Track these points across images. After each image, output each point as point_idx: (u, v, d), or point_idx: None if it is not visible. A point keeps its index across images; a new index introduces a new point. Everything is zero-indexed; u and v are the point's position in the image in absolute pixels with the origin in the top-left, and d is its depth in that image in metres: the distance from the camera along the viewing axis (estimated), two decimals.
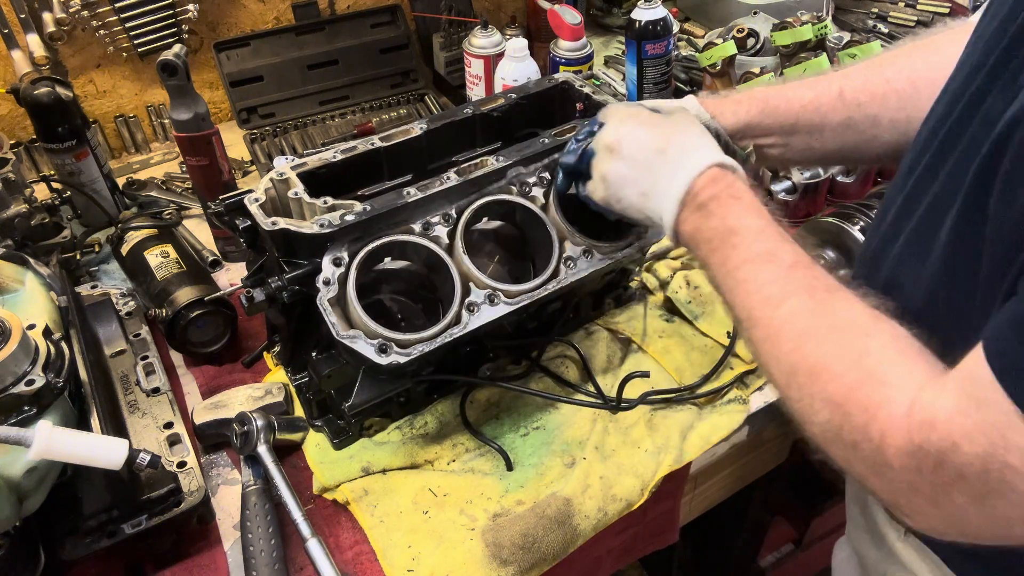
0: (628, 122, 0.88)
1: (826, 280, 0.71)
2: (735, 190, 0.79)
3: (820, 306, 0.69)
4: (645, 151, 0.85)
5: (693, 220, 0.80)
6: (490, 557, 0.95)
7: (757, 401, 1.15)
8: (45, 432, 0.77)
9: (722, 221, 0.78)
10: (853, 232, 1.19)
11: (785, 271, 0.72)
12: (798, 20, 1.40)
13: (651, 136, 0.85)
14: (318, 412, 1.10)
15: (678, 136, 0.84)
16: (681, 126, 0.86)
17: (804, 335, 0.68)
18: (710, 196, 0.79)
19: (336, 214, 0.92)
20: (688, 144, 0.83)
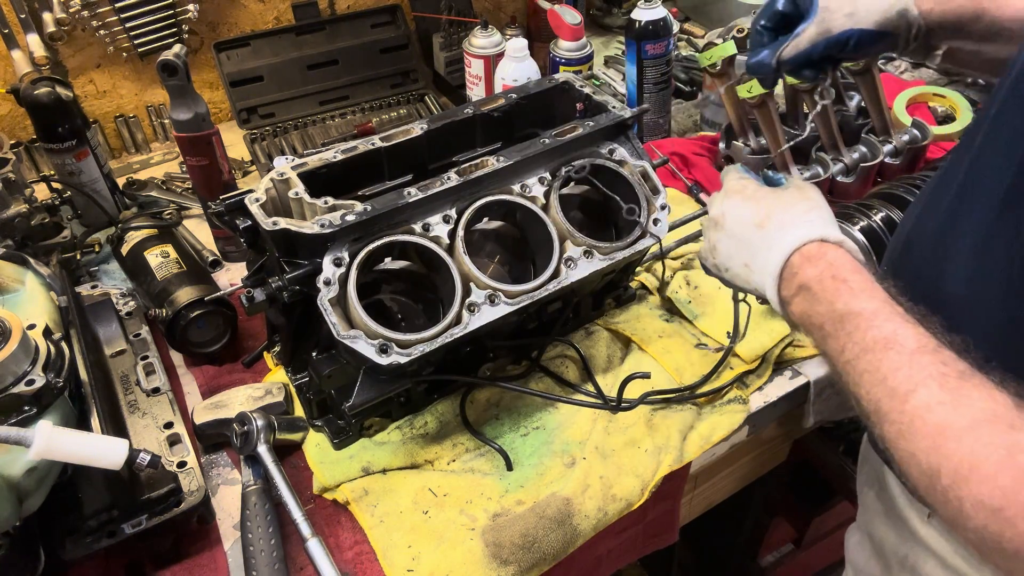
0: (733, 196, 0.89)
1: (956, 366, 0.65)
2: (838, 269, 0.75)
3: (954, 396, 0.63)
4: (744, 225, 0.85)
5: (799, 303, 0.77)
6: (490, 557, 0.95)
7: (757, 401, 1.15)
8: (45, 432, 0.77)
9: (830, 306, 0.74)
10: (853, 232, 1.19)
11: (909, 357, 0.66)
12: None
13: (752, 211, 0.85)
14: (318, 412, 1.10)
15: (778, 213, 0.83)
16: (785, 202, 0.84)
17: (941, 432, 0.62)
18: (813, 278, 0.76)
19: (337, 214, 0.92)
20: (787, 220, 0.82)
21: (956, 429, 0.61)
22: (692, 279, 1.27)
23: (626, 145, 1.10)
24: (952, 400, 0.63)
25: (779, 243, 0.80)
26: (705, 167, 1.55)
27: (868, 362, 0.69)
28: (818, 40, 0.96)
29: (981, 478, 0.59)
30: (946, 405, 0.63)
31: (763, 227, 0.83)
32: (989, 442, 0.60)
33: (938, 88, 1.70)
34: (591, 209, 1.16)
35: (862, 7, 0.95)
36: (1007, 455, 0.58)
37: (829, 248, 0.78)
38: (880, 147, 1.42)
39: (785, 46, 0.98)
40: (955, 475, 0.60)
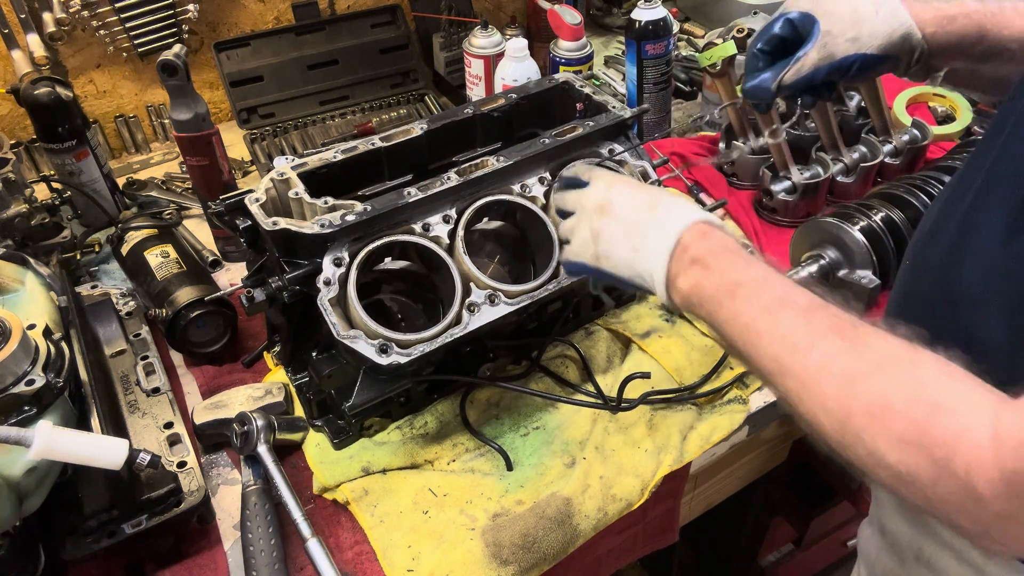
0: (619, 183, 0.91)
1: (849, 318, 0.68)
2: (728, 244, 0.79)
3: (854, 344, 0.66)
4: (636, 208, 0.86)
5: (690, 276, 0.79)
6: (490, 557, 0.95)
7: (757, 401, 1.15)
8: (45, 432, 0.77)
9: (724, 276, 0.76)
10: (853, 232, 1.19)
11: (804, 315, 0.70)
12: None
13: (642, 196, 0.88)
14: (318, 412, 1.10)
15: (666, 198, 0.87)
16: (667, 191, 0.90)
17: (848, 377, 0.64)
18: (705, 251, 0.79)
19: (337, 214, 0.92)
20: (675, 205, 0.85)
21: (862, 372, 0.64)
22: None
23: (626, 145, 1.10)
24: (852, 347, 0.66)
25: (672, 222, 0.82)
26: (705, 167, 1.55)
27: (765, 323, 0.71)
28: (820, 65, 0.96)
29: (895, 414, 0.61)
30: (848, 352, 0.65)
31: (654, 209, 0.85)
32: (896, 380, 0.62)
33: (938, 88, 1.70)
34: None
35: (865, 32, 0.94)
36: (917, 389, 0.61)
37: (716, 228, 0.82)
38: (880, 147, 1.42)
39: (787, 71, 0.97)
40: (868, 415, 0.62)
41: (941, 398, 0.60)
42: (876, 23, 0.94)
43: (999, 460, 0.55)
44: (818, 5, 0.97)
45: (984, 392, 0.60)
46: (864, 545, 1.11)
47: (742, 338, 0.74)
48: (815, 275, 1.19)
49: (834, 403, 0.65)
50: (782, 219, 1.42)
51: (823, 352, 0.66)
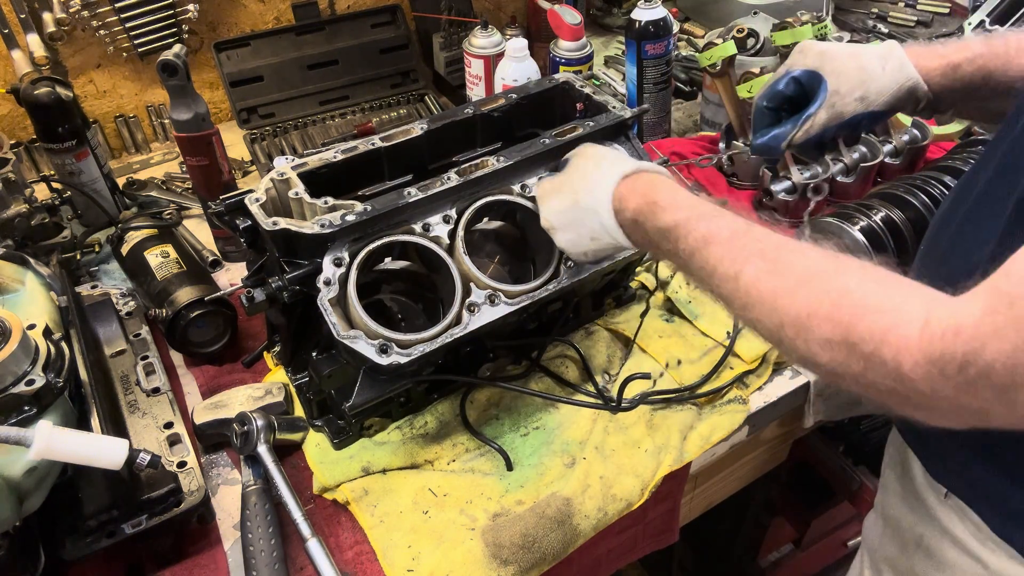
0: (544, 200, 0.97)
1: (772, 239, 0.74)
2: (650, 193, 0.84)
3: (776, 264, 0.72)
4: (566, 213, 0.93)
5: (637, 237, 0.86)
6: (490, 557, 0.95)
7: (757, 401, 1.15)
8: (45, 432, 0.77)
9: (654, 226, 0.82)
10: (853, 232, 1.19)
11: (727, 244, 0.75)
12: (798, 20, 1.40)
13: (562, 197, 0.93)
14: (318, 412, 1.10)
15: (581, 182, 0.91)
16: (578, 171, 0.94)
17: (774, 295, 0.70)
18: (634, 209, 0.84)
19: (337, 214, 0.92)
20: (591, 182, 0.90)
21: (786, 288, 0.70)
22: None
23: (626, 145, 1.09)
24: (775, 267, 0.71)
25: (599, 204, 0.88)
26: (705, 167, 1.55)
27: (698, 261, 0.77)
28: (829, 125, 0.97)
29: (820, 321, 0.66)
30: (772, 273, 0.71)
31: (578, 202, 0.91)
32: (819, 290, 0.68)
33: None
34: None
35: (873, 89, 0.95)
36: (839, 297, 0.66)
37: (632, 180, 0.87)
38: (880, 147, 1.42)
39: (796, 132, 0.98)
40: (796, 325, 0.68)
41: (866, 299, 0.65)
42: (883, 80, 0.95)
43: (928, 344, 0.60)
44: (824, 63, 0.97)
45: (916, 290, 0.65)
46: (867, 532, 1.12)
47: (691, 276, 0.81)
48: None
49: (767, 319, 0.71)
50: (782, 219, 1.42)
51: (749, 277, 0.72)
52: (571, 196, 0.92)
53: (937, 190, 1.25)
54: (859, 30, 2.02)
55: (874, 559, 1.09)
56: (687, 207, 0.81)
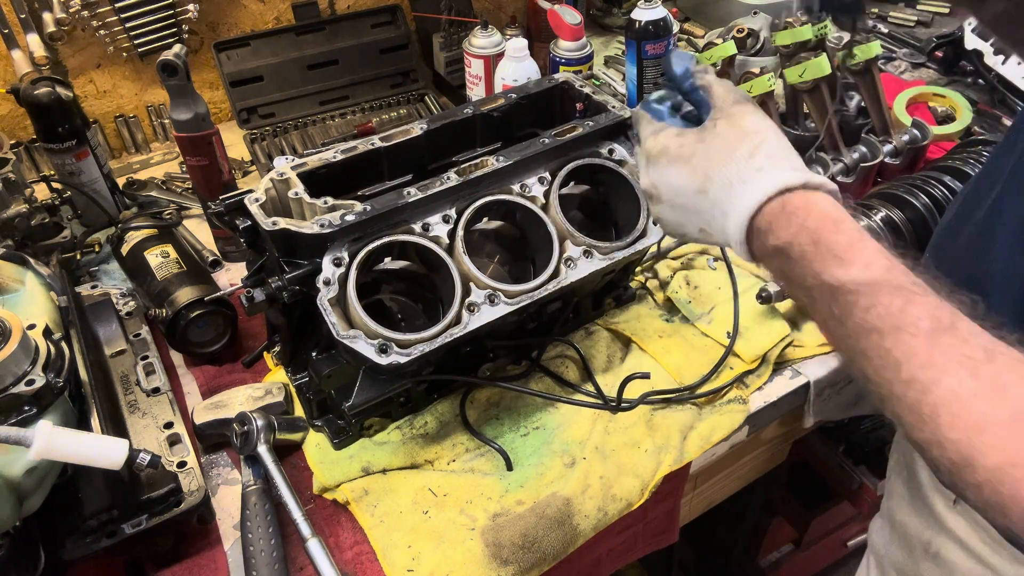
0: (659, 162, 0.75)
1: (979, 342, 0.58)
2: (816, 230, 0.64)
3: (986, 386, 0.56)
4: (684, 196, 0.73)
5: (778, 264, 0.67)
6: (490, 557, 0.95)
7: (757, 401, 1.15)
8: (45, 432, 0.77)
9: (817, 277, 0.63)
10: None
11: (926, 341, 0.58)
12: (798, 20, 1.40)
13: (686, 176, 0.72)
14: (318, 412, 1.10)
15: (718, 168, 0.70)
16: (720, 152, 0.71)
17: (977, 428, 0.56)
18: (787, 241, 0.65)
19: (336, 214, 0.92)
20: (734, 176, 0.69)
21: (994, 424, 0.55)
22: (692, 279, 1.27)
23: (626, 145, 1.09)
24: (985, 391, 0.56)
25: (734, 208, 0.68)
26: None
27: (874, 344, 0.60)
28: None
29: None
30: (979, 397, 0.56)
31: (706, 192, 0.71)
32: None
33: (938, 88, 1.70)
34: (591, 209, 1.16)
35: None
36: None
37: (792, 200, 0.65)
38: (880, 147, 1.42)
39: None
40: (995, 471, 0.55)
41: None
42: None
43: None
44: None
45: None
46: (874, 537, 1.11)
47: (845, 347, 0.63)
48: None
49: (953, 448, 0.57)
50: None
51: (948, 392, 0.57)
52: (701, 178, 0.71)
53: (937, 190, 1.25)
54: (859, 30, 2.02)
55: (881, 564, 1.08)
56: (875, 266, 0.62)
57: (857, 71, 1.42)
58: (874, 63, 1.40)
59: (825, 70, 1.33)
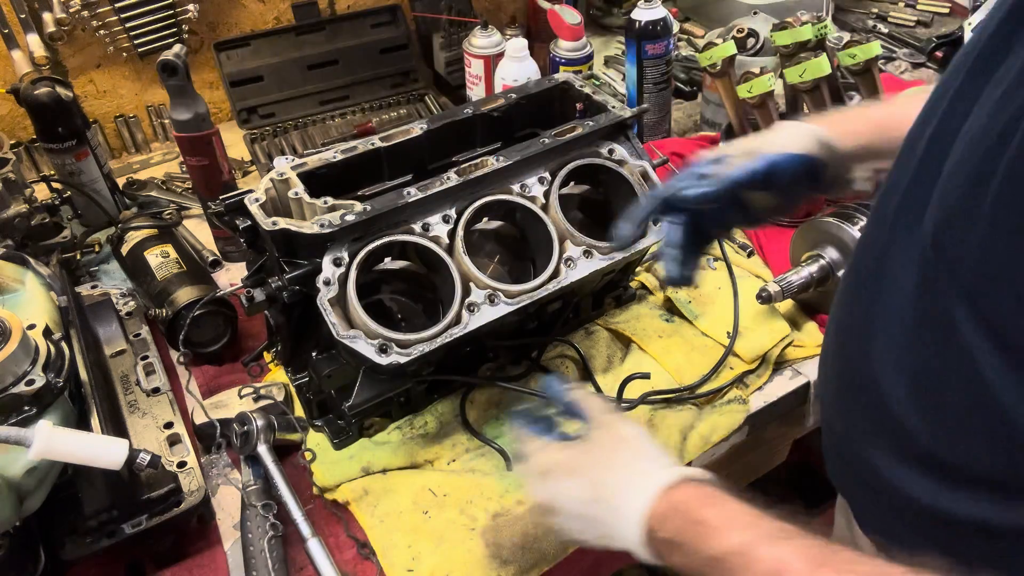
0: (553, 475, 0.79)
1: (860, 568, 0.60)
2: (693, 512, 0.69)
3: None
4: (579, 505, 0.77)
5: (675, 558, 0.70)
6: (490, 557, 0.95)
7: (757, 401, 1.15)
8: (45, 432, 0.77)
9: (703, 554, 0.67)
10: (853, 232, 1.19)
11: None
12: (798, 20, 1.40)
13: (576, 488, 0.77)
14: (318, 412, 1.10)
15: (604, 476, 0.76)
16: (603, 458, 0.78)
17: None
18: (674, 531, 0.69)
19: (336, 214, 0.92)
20: (620, 482, 0.75)
21: None
22: None
23: (626, 145, 1.10)
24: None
25: (626, 513, 0.72)
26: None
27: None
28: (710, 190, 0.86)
29: None
30: None
31: (599, 500, 0.75)
32: None
33: None
34: (591, 209, 1.17)
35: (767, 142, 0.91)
36: None
37: (674, 494, 0.71)
38: None
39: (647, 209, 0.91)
40: None
41: None
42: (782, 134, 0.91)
43: None
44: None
45: None
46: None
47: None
48: (815, 275, 1.19)
49: None
50: (782, 219, 1.42)
51: None
52: (593, 487, 0.76)
53: None
54: (859, 30, 2.02)
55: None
56: (745, 526, 0.65)
57: (857, 71, 1.42)
58: (874, 63, 1.40)
59: (825, 70, 1.32)
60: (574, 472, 0.78)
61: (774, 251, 1.35)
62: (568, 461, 0.79)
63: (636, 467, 0.75)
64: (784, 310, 1.24)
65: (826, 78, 1.34)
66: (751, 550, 0.63)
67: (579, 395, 0.84)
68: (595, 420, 0.81)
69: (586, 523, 0.77)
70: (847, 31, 2.01)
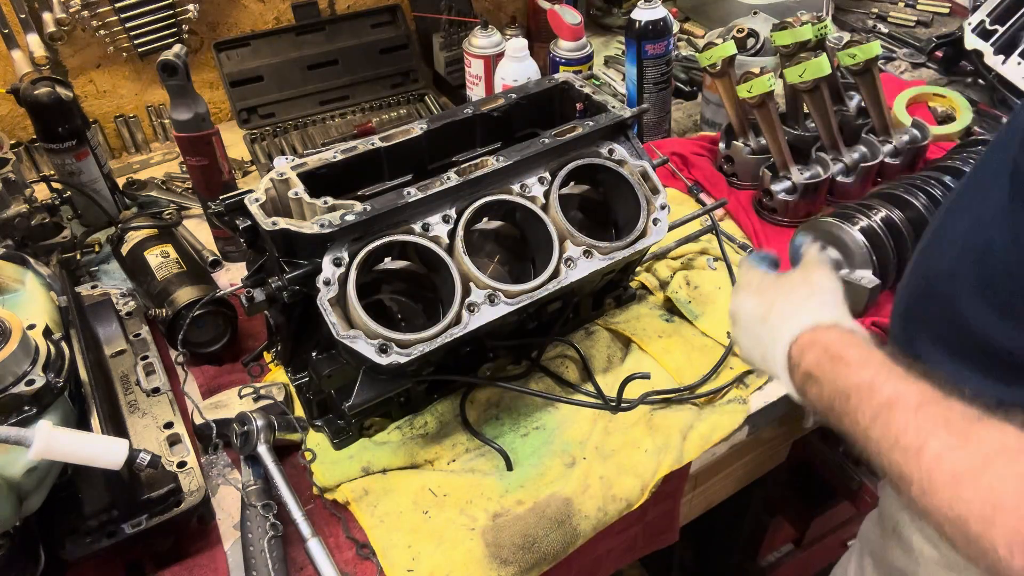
0: (742, 292, 0.92)
1: (964, 411, 0.65)
2: (834, 349, 0.76)
3: (963, 438, 0.62)
4: (751, 321, 0.88)
5: (810, 390, 0.78)
6: (490, 557, 0.95)
7: (757, 401, 1.15)
8: (45, 432, 0.77)
9: (834, 386, 0.74)
10: (853, 232, 1.19)
11: (914, 413, 0.66)
12: (798, 20, 1.40)
13: (756, 305, 0.88)
14: (318, 412, 1.10)
15: (780, 303, 0.85)
16: (787, 290, 0.87)
17: (957, 479, 0.61)
18: (812, 363, 0.77)
19: (336, 214, 0.92)
20: (788, 311, 0.84)
21: (971, 471, 0.60)
22: (692, 279, 1.27)
23: (626, 145, 1.10)
24: (961, 442, 0.62)
25: (781, 336, 0.81)
26: (705, 167, 1.55)
27: (879, 429, 0.68)
28: None
29: (1007, 514, 0.57)
30: (957, 449, 0.62)
31: (766, 321, 0.85)
32: (1005, 474, 0.59)
33: (938, 88, 1.70)
34: (591, 209, 1.17)
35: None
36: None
37: (822, 332, 0.79)
38: (880, 147, 1.42)
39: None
40: (981, 520, 0.58)
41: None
42: None
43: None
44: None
45: None
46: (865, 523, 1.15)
47: (867, 450, 0.70)
48: None
49: (948, 510, 0.61)
50: (782, 219, 1.42)
51: (934, 452, 0.63)
52: (765, 308, 0.86)
53: (937, 190, 1.25)
54: (859, 30, 2.02)
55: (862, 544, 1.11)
56: (877, 365, 0.72)
57: (857, 71, 1.42)
58: (874, 63, 1.40)
59: (825, 70, 1.32)
60: (761, 293, 0.89)
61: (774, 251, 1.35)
62: (761, 283, 0.91)
63: (805, 304, 0.83)
64: None
65: (826, 78, 1.34)
66: (875, 385, 0.70)
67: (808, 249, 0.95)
68: (804, 264, 0.91)
69: (753, 340, 0.88)
70: (847, 31, 2.01)
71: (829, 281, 0.87)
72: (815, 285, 0.86)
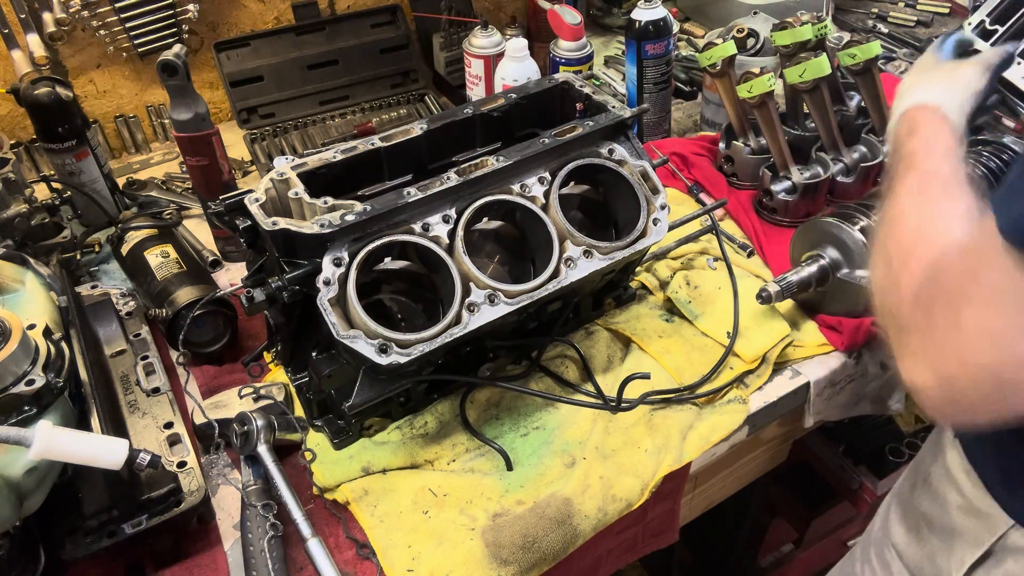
0: (917, 64, 1.12)
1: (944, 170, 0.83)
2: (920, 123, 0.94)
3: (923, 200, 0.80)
4: (901, 90, 1.06)
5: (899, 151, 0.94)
6: (490, 557, 0.95)
7: (757, 401, 1.15)
8: (45, 432, 0.77)
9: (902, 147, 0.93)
10: (853, 232, 1.19)
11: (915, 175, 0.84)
12: (798, 20, 1.40)
13: (914, 74, 1.07)
14: (318, 412, 1.10)
15: (922, 77, 1.04)
16: (933, 71, 1.05)
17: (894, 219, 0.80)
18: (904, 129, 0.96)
19: (336, 214, 0.92)
20: (912, 87, 1.02)
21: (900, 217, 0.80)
22: (692, 279, 1.27)
23: (626, 145, 1.10)
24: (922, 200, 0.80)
25: (900, 105, 1.01)
26: (705, 167, 1.55)
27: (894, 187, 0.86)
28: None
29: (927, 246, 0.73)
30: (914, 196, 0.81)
31: (911, 86, 1.03)
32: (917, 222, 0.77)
33: None
34: (591, 209, 1.17)
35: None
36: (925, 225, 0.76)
37: (923, 111, 0.96)
38: (880, 147, 1.42)
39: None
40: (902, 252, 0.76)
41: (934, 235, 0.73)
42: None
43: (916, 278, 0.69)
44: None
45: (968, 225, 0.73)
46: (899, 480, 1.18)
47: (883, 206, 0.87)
48: (815, 275, 1.19)
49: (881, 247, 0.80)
50: (782, 219, 1.42)
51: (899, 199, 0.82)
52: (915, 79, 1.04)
53: None
54: (859, 30, 2.02)
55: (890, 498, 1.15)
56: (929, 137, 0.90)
57: (857, 71, 1.42)
58: (874, 63, 1.40)
59: (825, 70, 1.32)
60: (923, 69, 1.08)
61: (774, 251, 1.35)
62: (926, 62, 1.10)
63: (933, 87, 1.00)
64: (784, 310, 1.24)
65: (826, 78, 1.34)
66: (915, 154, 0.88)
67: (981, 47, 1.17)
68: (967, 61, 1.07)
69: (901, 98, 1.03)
70: (847, 31, 2.01)
71: (968, 76, 1.03)
72: (957, 79, 1.02)
